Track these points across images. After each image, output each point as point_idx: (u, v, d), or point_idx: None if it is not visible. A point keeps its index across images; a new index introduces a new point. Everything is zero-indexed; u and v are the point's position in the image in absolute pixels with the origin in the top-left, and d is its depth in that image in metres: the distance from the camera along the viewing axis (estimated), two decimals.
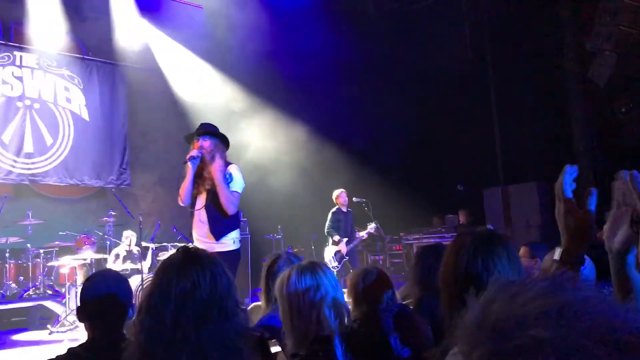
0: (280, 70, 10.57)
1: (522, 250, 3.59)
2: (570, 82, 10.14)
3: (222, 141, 4.66)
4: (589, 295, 0.55)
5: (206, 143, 4.50)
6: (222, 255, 4.28)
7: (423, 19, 11.37)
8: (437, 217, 11.67)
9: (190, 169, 4.40)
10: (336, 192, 8.52)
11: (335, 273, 7.68)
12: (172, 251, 7.44)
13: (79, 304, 2.30)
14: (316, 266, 2.21)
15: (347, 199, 8.44)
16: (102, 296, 2.20)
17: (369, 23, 11.78)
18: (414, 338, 2.59)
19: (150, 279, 6.23)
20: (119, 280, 2.32)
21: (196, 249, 1.73)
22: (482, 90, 11.19)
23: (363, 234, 8.44)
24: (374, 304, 2.57)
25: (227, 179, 4.46)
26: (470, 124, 10.98)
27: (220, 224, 4.45)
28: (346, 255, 8.21)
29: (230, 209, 4.39)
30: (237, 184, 4.50)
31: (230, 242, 4.49)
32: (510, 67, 10.81)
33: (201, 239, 4.48)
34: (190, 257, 1.65)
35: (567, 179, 1.42)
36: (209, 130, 4.61)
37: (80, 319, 2.30)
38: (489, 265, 1.59)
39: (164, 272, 1.62)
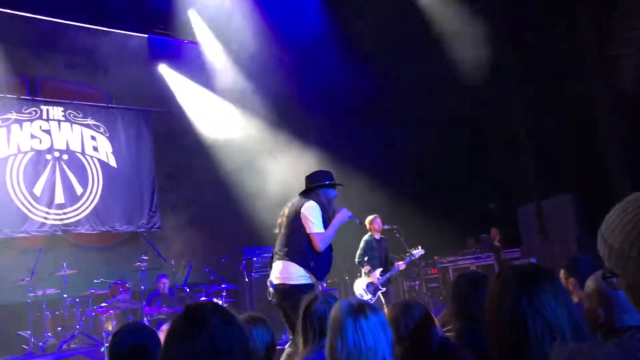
0: (302, 104, 10.63)
1: (562, 273, 3.42)
2: (596, 90, 9.95)
3: None
4: None
5: None
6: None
7: (439, 41, 11.33)
8: (470, 237, 11.46)
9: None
10: (369, 218, 7.86)
11: None
12: (206, 293, 7.38)
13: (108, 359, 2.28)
14: (365, 307, 2.14)
15: (381, 224, 7.83)
16: (129, 350, 2.18)
17: (386, 50, 11.78)
18: None
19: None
20: (146, 333, 2.28)
21: (195, 308, 1.70)
22: (507, 106, 11.05)
23: (401, 263, 7.72)
24: (418, 341, 2.49)
25: None
26: (498, 141, 10.84)
27: None
28: (381, 286, 7.55)
29: None
30: None
31: None
32: (533, 80, 10.67)
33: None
34: (188, 319, 1.65)
35: None
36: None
37: None
38: (535, 303, 1.54)
39: (170, 337, 1.64)
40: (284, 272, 4.43)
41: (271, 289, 4.49)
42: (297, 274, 4.39)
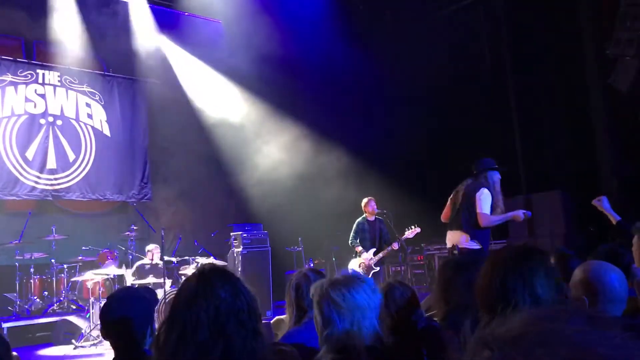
0: (296, 82, 10.61)
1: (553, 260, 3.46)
2: (592, 89, 10.00)
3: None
4: None
5: None
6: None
7: (440, 29, 11.32)
8: None
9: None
10: (364, 200, 7.98)
11: None
12: (194, 265, 7.43)
13: (100, 324, 2.34)
14: (355, 278, 2.16)
15: (375, 207, 7.92)
16: (120, 317, 2.20)
17: (385, 33, 11.77)
18: (442, 353, 2.54)
19: (172, 294, 6.25)
20: (137, 299, 2.31)
21: (207, 274, 1.71)
22: (502, 99, 11.08)
23: (394, 243, 7.78)
24: (402, 321, 2.53)
25: None
26: (491, 133, 10.88)
27: None
28: (374, 266, 7.66)
29: None
30: None
31: None
32: (530, 74, 10.69)
33: None
34: (199, 286, 1.65)
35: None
36: None
37: (104, 337, 2.33)
38: (525, 278, 1.56)
39: (178, 301, 1.65)
40: (461, 238, 5.57)
41: (456, 252, 5.62)
42: (469, 241, 5.51)
